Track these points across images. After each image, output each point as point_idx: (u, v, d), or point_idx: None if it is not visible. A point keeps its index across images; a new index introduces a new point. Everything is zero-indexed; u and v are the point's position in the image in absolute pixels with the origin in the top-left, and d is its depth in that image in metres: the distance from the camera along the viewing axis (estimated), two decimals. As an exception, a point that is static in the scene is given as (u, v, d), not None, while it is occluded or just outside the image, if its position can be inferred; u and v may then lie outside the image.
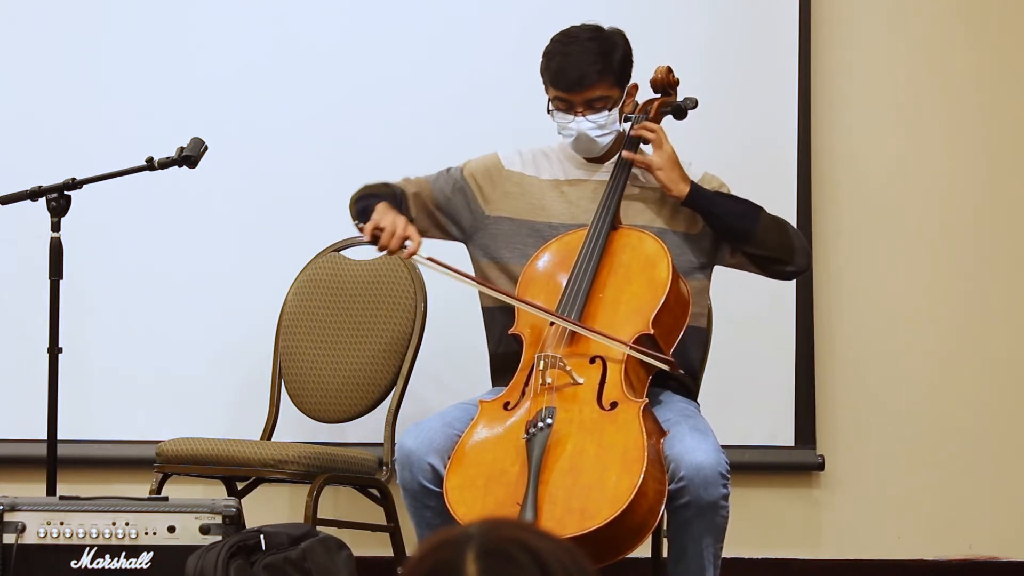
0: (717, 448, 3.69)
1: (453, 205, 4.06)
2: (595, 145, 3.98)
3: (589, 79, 3.91)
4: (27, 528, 3.96)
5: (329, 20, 5.16)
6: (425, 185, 4.07)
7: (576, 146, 3.99)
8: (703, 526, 3.68)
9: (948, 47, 5.21)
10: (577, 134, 3.95)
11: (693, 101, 4.19)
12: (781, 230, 3.97)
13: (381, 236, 3.79)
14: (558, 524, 3.49)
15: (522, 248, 4.01)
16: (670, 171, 3.93)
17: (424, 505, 3.73)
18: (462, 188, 4.06)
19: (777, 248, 3.94)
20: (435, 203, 4.06)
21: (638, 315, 3.81)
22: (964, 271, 5.21)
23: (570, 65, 3.91)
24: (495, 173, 4.08)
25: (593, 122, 3.94)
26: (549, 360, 3.74)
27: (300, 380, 4.84)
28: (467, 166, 4.10)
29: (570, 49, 3.93)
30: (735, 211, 3.96)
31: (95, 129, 5.12)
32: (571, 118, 3.94)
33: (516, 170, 4.08)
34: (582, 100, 3.93)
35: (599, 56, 3.92)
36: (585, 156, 4.04)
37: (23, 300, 5.02)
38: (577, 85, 3.91)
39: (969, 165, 5.21)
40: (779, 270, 4.02)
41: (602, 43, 3.94)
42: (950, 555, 5.21)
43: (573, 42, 3.94)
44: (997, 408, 5.20)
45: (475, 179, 4.07)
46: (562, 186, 4.05)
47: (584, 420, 3.66)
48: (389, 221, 3.79)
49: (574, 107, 3.94)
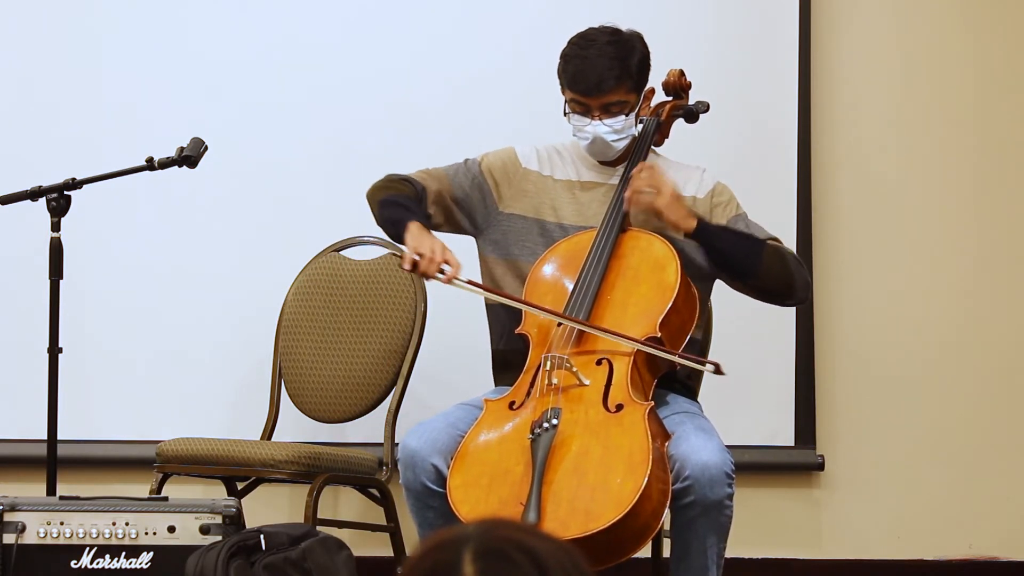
0: (722, 448, 3.69)
1: (470, 200, 4.05)
2: (610, 149, 3.97)
3: (607, 84, 3.89)
4: (27, 528, 3.96)
5: (329, 20, 5.16)
6: (444, 179, 4.05)
7: (591, 149, 3.98)
8: (707, 525, 3.68)
9: (948, 47, 5.21)
10: (593, 137, 3.94)
11: (705, 105, 4.17)
12: (783, 265, 3.90)
13: (420, 262, 3.76)
14: (561, 525, 3.49)
15: (532, 247, 4.00)
16: (672, 210, 3.88)
17: (427, 506, 3.72)
18: (479, 184, 4.05)
19: (777, 285, 3.91)
20: (453, 198, 4.05)
21: (646, 317, 3.81)
22: (964, 271, 5.21)
23: (588, 69, 3.89)
24: (512, 170, 4.07)
25: (609, 126, 3.92)
26: (556, 361, 3.74)
27: (300, 380, 4.84)
28: (485, 160, 4.09)
29: (588, 53, 3.90)
30: (738, 250, 3.90)
31: (95, 129, 5.13)
32: (588, 121, 3.93)
33: (533, 168, 4.07)
34: (599, 104, 3.91)
35: (617, 61, 3.90)
36: (599, 159, 4.03)
37: (23, 300, 5.02)
38: (596, 90, 3.89)
39: (969, 165, 5.21)
40: (778, 302, 4.02)
41: (620, 47, 3.92)
42: (950, 555, 5.21)
43: (591, 45, 3.92)
44: (997, 408, 5.20)
45: (492, 175, 4.06)
46: (574, 188, 4.04)
47: (589, 421, 3.66)
48: (427, 247, 3.76)
49: (591, 111, 3.92)
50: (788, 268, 3.91)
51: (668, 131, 4.17)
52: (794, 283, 3.91)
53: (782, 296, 3.97)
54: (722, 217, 3.98)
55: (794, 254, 4.00)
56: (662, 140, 4.15)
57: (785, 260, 3.92)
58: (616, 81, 3.89)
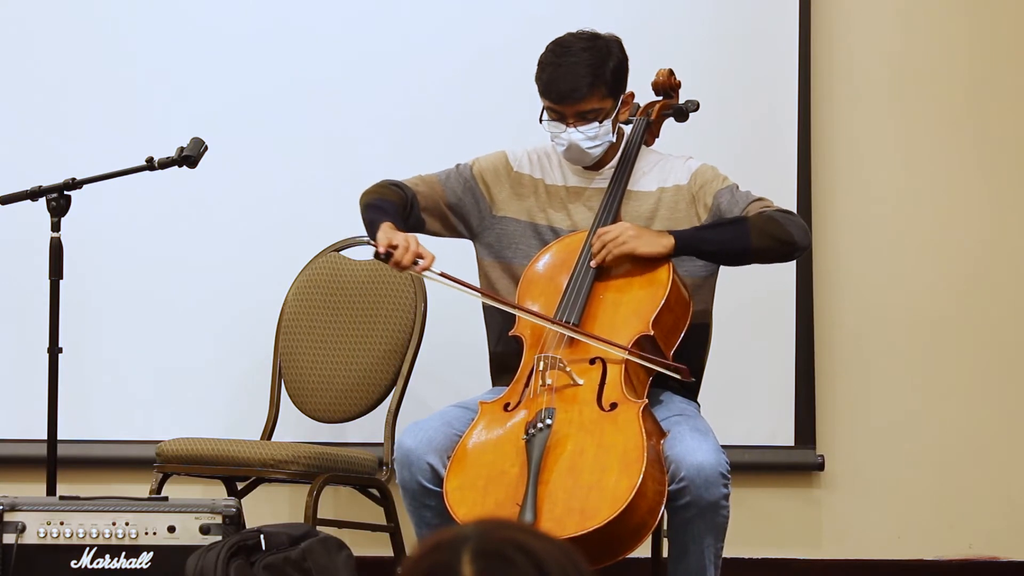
0: (717, 448, 3.69)
1: (464, 205, 4.07)
2: (587, 156, 3.98)
3: (580, 92, 3.89)
4: (27, 528, 3.96)
5: (330, 20, 5.15)
6: (436, 185, 4.07)
7: (568, 156, 4.00)
8: (704, 526, 3.68)
9: (949, 46, 5.21)
10: (568, 144, 3.94)
11: (695, 104, 4.18)
12: (774, 229, 3.85)
13: (395, 253, 3.78)
14: (557, 524, 3.49)
15: (525, 249, 4.02)
16: (645, 242, 3.85)
17: (423, 504, 3.73)
18: (472, 188, 4.07)
19: (778, 247, 3.88)
20: (446, 203, 4.06)
21: (638, 316, 3.81)
22: (964, 271, 5.21)
23: (561, 77, 3.89)
24: (504, 174, 4.08)
25: (584, 133, 3.92)
26: (549, 361, 3.75)
27: (300, 380, 4.84)
28: (476, 164, 4.10)
29: (562, 60, 3.91)
30: (724, 240, 3.87)
31: (95, 129, 5.12)
32: (563, 128, 3.93)
33: (525, 172, 4.08)
34: (573, 112, 3.91)
35: (590, 68, 3.89)
36: (578, 164, 4.04)
37: (23, 300, 5.02)
38: (568, 98, 3.90)
39: (969, 164, 5.21)
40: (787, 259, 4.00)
41: (595, 54, 3.91)
42: (950, 555, 5.21)
43: (566, 53, 3.92)
44: (997, 408, 5.20)
45: (484, 179, 4.07)
46: (561, 192, 4.05)
47: (584, 421, 3.67)
48: (401, 239, 3.79)
49: (565, 118, 3.93)
50: (781, 228, 3.86)
51: (658, 130, 4.18)
52: (792, 238, 3.87)
53: (787, 254, 3.94)
54: (708, 195, 3.97)
55: (780, 209, 3.94)
56: (652, 139, 4.16)
57: (774, 222, 3.87)
58: (589, 89, 3.89)
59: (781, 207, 3.95)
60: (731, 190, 3.97)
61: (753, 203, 3.93)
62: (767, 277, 4.66)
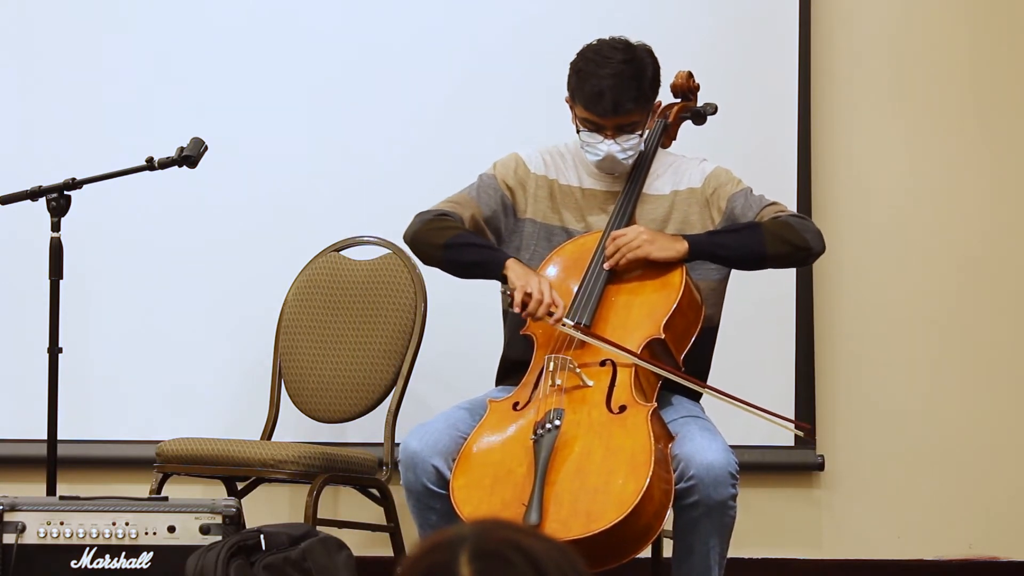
0: (726, 448, 3.69)
1: (497, 216, 4.02)
2: (620, 166, 3.96)
3: (625, 107, 3.86)
4: (27, 528, 3.96)
5: (330, 20, 5.15)
6: (471, 203, 4.00)
7: (600, 165, 3.96)
8: (710, 526, 3.67)
9: (949, 47, 5.21)
10: (605, 155, 3.92)
11: (713, 107, 4.16)
12: (788, 234, 3.86)
13: (530, 303, 3.76)
14: (563, 526, 3.49)
15: (541, 252, 3.99)
16: (659, 247, 3.86)
17: (428, 507, 3.72)
18: (501, 197, 4.02)
19: (792, 252, 3.88)
20: (484, 218, 4.01)
21: (650, 319, 3.80)
22: (964, 271, 5.21)
23: (606, 90, 3.85)
24: (523, 177, 4.05)
25: (621, 145, 3.90)
26: (559, 362, 3.74)
27: (300, 380, 4.84)
28: (497, 172, 4.06)
29: (604, 72, 3.86)
30: (739, 243, 3.87)
31: (95, 129, 5.13)
32: (600, 139, 3.90)
33: (541, 173, 4.05)
34: (614, 124, 3.89)
35: (633, 81, 3.86)
36: (609, 173, 4.01)
37: (23, 300, 5.03)
38: (612, 112, 3.87)
39: (970, 164, 5.21)
40: (802, 264, 4.01)
41: (635, 66, 3.88)
42: (950, 555, 5.21)
43: (607, 64, 3.87)
44: (997, 408, 5.20)
45: (507, 184, 4.04)
46: (576, 193, 4.04)
47: (592, 423, 3.66)
48: (535, 287, 3.77)
49: (604, 129, 3.90)
50: (796, 233, 3.87)
51: (675, 132, 4.16)
52: (808, 244, 3.88)
53: (802, 260, 3.95)
54: (722, 198, 3.96)
55: (794, 214, 3.97)
56: (669, 142, 4.14)
57: (789, 227, 3.88)
58: (634, 104, 3.87)
59: (795, 212, 3.96)
60: (745, 194, 3.97)
61: (767, 207, 3.94)
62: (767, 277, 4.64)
